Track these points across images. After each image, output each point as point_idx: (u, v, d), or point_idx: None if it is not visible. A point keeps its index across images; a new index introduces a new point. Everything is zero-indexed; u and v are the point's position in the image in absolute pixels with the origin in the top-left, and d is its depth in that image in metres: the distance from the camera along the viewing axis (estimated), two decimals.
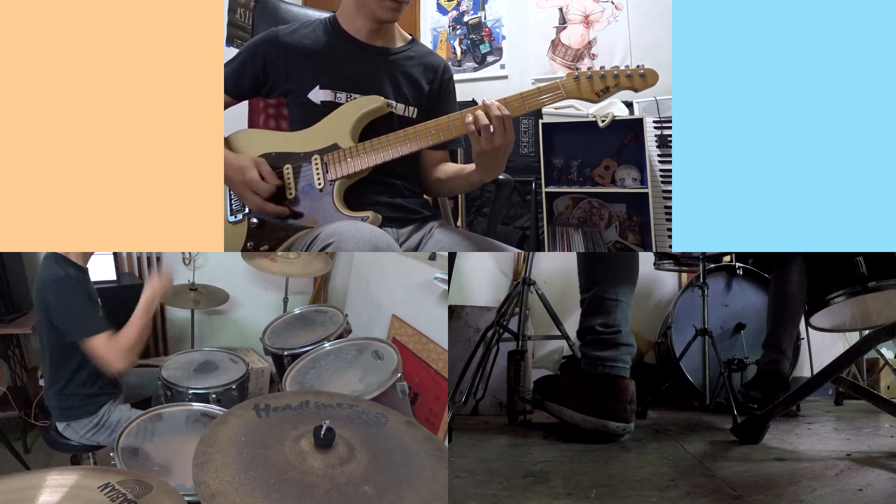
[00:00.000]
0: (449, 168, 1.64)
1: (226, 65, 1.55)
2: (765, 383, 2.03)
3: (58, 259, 1.78)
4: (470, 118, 1.33)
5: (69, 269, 1.77)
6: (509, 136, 1.33)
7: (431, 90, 1.59)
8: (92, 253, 1.90)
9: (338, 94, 1.50)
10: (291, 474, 1.01)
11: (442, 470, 1.13)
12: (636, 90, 1.38)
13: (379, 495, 1.01)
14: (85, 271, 1.84)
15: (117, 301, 2.48)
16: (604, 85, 1.36)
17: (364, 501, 1.00)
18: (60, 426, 1.82)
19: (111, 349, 1.70)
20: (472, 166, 1.50)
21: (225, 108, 1.58)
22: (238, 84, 1.55)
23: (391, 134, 1.44)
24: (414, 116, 1.55)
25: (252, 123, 1.90)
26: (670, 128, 3.09)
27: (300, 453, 1.06)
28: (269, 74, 1.54)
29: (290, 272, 2.74)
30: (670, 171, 2.95)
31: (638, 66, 1.36)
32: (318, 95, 1.50)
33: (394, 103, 1.53)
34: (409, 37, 1.63)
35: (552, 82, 1.38)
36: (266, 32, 1.58)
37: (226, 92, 1.54)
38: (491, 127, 1.31)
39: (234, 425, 1.14)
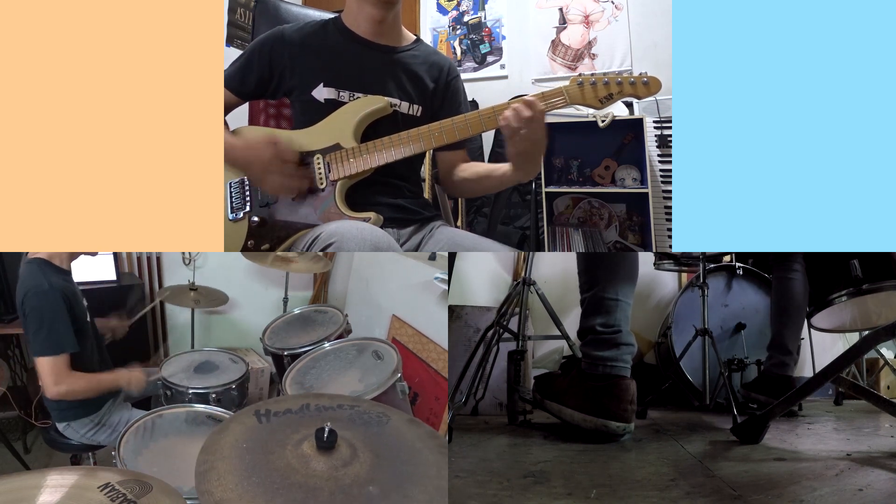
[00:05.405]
0: (478, 168, 1.63)
1: (231, 63, 1.55)
2: (771, 387, 2.01)
3: (42, 267, 1.69)
4: (503, 122, 1.34)
5: (53, 277, 1.68)
6: (542, 130, 1.35)
7: (436, 88, 1.59)
8: (78, 254, 1.83)
9: (341, 93, 1.50)
10: (295, 478, 1.00)
11: (445, 466, 1.13)
12: (639, 98, 1.39)
13: (384, 495, 1.01)
14: (68, 273, 1.77)
15: (117, 301, 2.49)
16: (607, 92, 1.36)
17: (369, 502, 0.99)
18: (61, 426, 1.82)
19: (55, 374, 1.62)
20: (506, 166, 1.49)
21: (231, 109, 1.58)
22: (244, 82, 1.55)
23: (394, 135, 1.44)
24: (418, 115, 1.55)
25: (252, 124, 1.90)
26: (670, 128, 3.09)
27: (303, 456, 1.05)
28: (274, 72, 1.54)
29: (291, 267, 2.74)
30: (670, 171, 2.95)
31: (641, 74, 1.37)
32: (321, 93, 1.50)
33: (398, 102, 1.53)
34: (414, 37, 1.63)
35: (556, 88, 1.37)
36: (272, 30, 1.57)
37: (231, 90, 1.54)
38: (522, 129, 1.33)
39: (235, 432, 1.13)
